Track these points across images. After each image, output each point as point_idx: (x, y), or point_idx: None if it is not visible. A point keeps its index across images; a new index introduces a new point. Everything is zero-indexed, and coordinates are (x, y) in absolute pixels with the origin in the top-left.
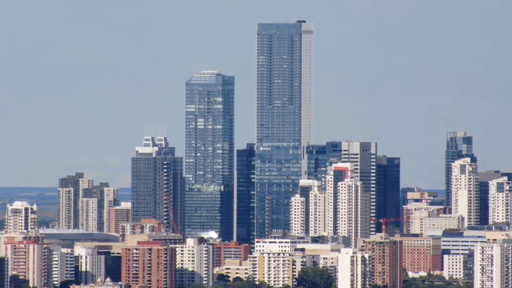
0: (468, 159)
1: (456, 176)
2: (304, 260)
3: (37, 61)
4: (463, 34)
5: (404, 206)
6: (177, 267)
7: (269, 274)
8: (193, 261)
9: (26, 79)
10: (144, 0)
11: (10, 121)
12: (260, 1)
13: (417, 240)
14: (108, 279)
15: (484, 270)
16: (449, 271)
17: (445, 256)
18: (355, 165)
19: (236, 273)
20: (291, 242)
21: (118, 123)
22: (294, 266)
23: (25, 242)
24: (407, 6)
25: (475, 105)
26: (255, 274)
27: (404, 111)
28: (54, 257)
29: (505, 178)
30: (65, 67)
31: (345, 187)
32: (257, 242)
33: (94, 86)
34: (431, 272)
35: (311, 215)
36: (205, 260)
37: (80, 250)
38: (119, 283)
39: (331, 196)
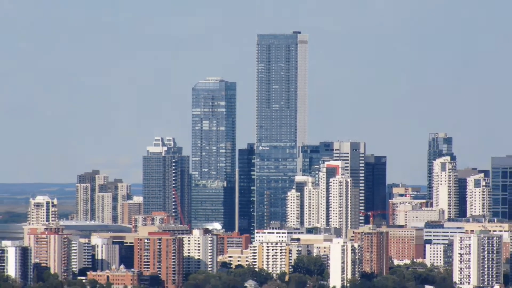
0: (448, 158)
1: (437, 173)
2: (300, 249)
3: (58, 63)
4: (444, 44)
5: (390, 200)
6: (184, 255)
7: (267, 262)
8: (198, 250)
9: (47, 81)
10: (155, 15)
11: (32, 122)
12: (259, 13)
13: (402, 231)
14: (122, 266)
15: (463, 258)
16: (430, 259)
17: (427, 246)
18: (345, 163)
19: (238, 261)
20: (288, 233)
21: (130, 125)
22: (290, 255)
23: (46, 232)
24: (393, 19)
25: (455, 108)
26: (255, 261)
27: (391, 114)
28: (73, 246)
29: (482, 175)
30: (83, 74)
31: (336, 183)
32: (257, 232)
33: (108, 92)
34: (414, 260)
35: (306, 208)
36: (209, 249)
37: (96, 240)
38: (132, 270)
39: (323, 191)
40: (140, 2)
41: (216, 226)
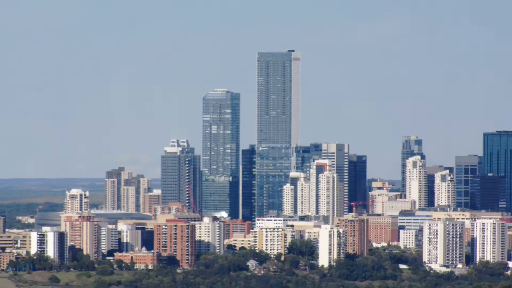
0: (418, 157)
1: (409, 169)
2: (293, 233)
3: (89, 72)
4: (420, 59)
5: (369, 193)
6: (196, 239)
7: (266, 244)
8: (208, 234)
9: (81, 87)
10: (170, 33)
11: (68, 125)
12: (260, 35)
13: (380, 219)
14: (143, 248)
15: (431, 242)
16: (404, 242)
17: (401, 231)
18: (332, 161)
19: (241, 243)
20: (283, 220)
21: (150, 129)
22: (285, 238)
23: (80, 220)
24: (372, 37)
25: (425, 113)
26: (255, 244)
27: (370, 120)
28: (102, 232)
29: (447, 171)
30: (108, 83)
31: (324, 178)
32: (257, 220)
33: (131, 100)
34: (390, 243)
35: (299, 199)
36: (217, 234)
37: (122, 226)
38: (152, 251)
39: (314, 185)
40: (160, 23)
41: (223, 214)
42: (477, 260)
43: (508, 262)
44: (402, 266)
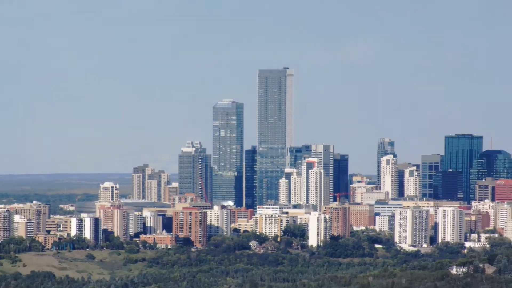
0: (391, 156)
1: (383, 166)
2: (288, 219)
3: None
4: (393, 76)
5: (350, 185)
6: (207, 223)
7: (265, 228)
8: (217, 219)
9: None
10: (183, 53)
11: (101, 130)
12: (260, 54)
13: (359, 207)
14: (164, 231)
15: (401, 226)
16: (379, 226)
17: (377, 217)
18: (319, 159)
19: (245, 227)
20: (279, 208)
21: (169, 133)
22: (281, 223)
23: (111, 208)
24: (355, 55)
25: (397, 119)
26: (256, 228)
27: (352, 125)
28: (130, 217)
29: (415, 167)
30: (132, 93)
31: (313, 173)
32: (258, 208)
33: (153, 107)
34: (368, 226)
35: (292, 191)
36: (225, 219)
37: (146, 212)
38: (171, 233)
39: (304, 179)
40: (177, 45)
41: (230, 203)
42: (439, 240)
43: (465, 242)
44: (377, 245)
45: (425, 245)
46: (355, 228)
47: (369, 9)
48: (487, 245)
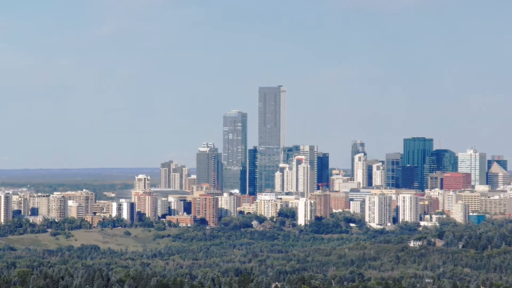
0: (362, 154)
1: (356, 162)
2: (281, 203)
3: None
4: (363, 91)
5: (330, 177)
6: (218, 207)
7: (264, 210)
8: (226, 204)
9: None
10: (200, 73)
11: (137, 132)
12: (260, 75)
13: (337, 194)
14: (184, 213)
15: (370, 209)
16: (352, 209)
17: (351, 202)
18: (306, 157)
19: (248, 209)
20: (275, 195)
21: (189, 136)
22: (276, 206)
23: (144, 194)
24: (334, 73)
25: (366, 125)
26: (257, 210)
27: (331, 130)
28: (158, 202)
29: (381, 163)
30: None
31: (301, 168)
32: (258, 195)
33: (176, 116)
34: (344, 209)
35: (285, 181)
36: (232, 203)
37: (171, 198)
38: (190, 215)
39: (295, 172)
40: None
41: (236, 191)
42: (400, 220)
43: (420, 221)
44: (352, 224)
45: (389, 224)
46: (334, 211)
47: (344, 39)
48: (437, 224)
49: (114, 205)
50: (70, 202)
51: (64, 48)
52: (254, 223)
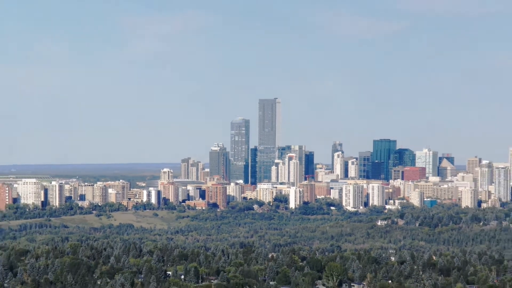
0: (340, 152)
1: (335, 158)
2: (277, 191)
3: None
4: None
5: (315, 170)
6: (227, 194)
7: (263, 197)
8: (233, 191)
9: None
10: (215, 86)
11: (162, 134)
12: (260, 89)
13: (320, 183)
14: (200, 199)
15: (346, 195)
16: (333, 196)
17: (331, 190)
18: (296, 154)
19: (250, 196)
20: (271, 184)
21: (203, 137)
22: (273, 193)
23: (168, 184)
24: (320, 88)
25: (344, 130)
26: (257, 196)
27: (316, 133)
28: (179, 190)
29: (355, 159)
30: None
31: (292, 163)
32: (258, 184)
33: (194, 123)
34: (326, 196)
35: (279, 174)
36: (238, 191)
37: (189, 187)
38: (205, 200)
39: (287, 167)
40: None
41: (241, 181)
42: (370, 204)
43: (385, 205)
44: (332, 207)
45: (361, 207)
46: (318, 197)
47: (332, 55)
48: (399, 207)
49: (145, 192)
50: (110, 190)
51: (106, 65)
52: (255, 206)
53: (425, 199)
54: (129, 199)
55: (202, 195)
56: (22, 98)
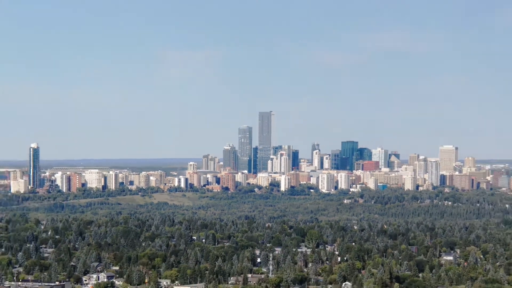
0: (318, 150)
1: (314, 155)
2: (272, 178)
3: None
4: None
5: (299, 164)
6: (235, 180)
7: (261, 182)
8: (240, 178)
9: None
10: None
11: (189, 137)
12: (260, 103)
13: (303, 173)
14: (216, 184)
15: (322, 181)
16: (312, 182)
17: (311, 177)
18: (286, 152)
19: (252, 182)
20: (268, 173)
21: (218, 139)
22: (268, 180)
23: (193, 173)
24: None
25: (320, 135)
26: (257, 182)
27: (301, 137)
28: (201, 177)
29: (328, 155)
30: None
31: (283, 158)
32: (258, 173)
33: (212, 127)
34: (307, 182)
35: (274, 166)
36: (243, 178)
37: (208, 175)
38: (219, 184)
39: (279, 161)
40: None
41: (245, 171)
42: (339, 188)
43: (350, 189)
44: (311, 190)
45: (332, 190)
46: (301, 182)
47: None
48: (360, 190)
49: (176, 179)
50: (151, 177)
51: (145, 84)
52: (256, 189)
53: (379, 184)
54: (165, 184)
55: (218, 181)
56: (83, 111)
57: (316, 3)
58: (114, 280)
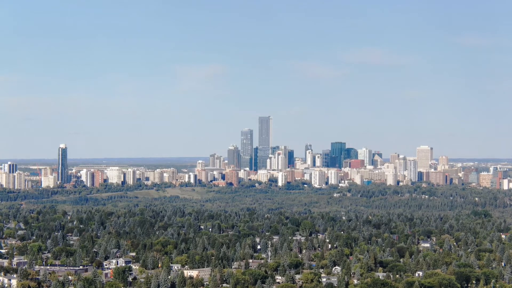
0: (311, 150)
1: (307, 154)
2: (270, 175)
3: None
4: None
5: (294, 162)
6: (239, 176)
7: (261, 178)
8: (243, 175)
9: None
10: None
11: (202, 139)
12: (259, 109)
13: (298, 170)
14: (222, 179)
15: (316, 177)
16: (306, 178)
17: (305, 174)
18: (282, 152)
19: (254, 178)
20: (267, 170)
21: (223, 140)
22: (267, 176)
23: (201, 170)
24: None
25: (314, 136)
26: (258, 178)
27: (295, 139)
28: (208, 174)
29: (320, 154)
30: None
31: (280, 157)
32: (259, 170)
33: (217, 130)
34: (301, 178)
35: (273, 164)
36: (246, 174)
37: (214, 172)
38: (224, 180)
39: (277, 159)
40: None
41: (247, 168)
42: (329, 183)
43: (339, 184)
44: (305, 185)
45: (324, 185)
46: (296, 178)
47: (292, 93)
48: (348, 185)
49: (187, 175)
50: (164, 174)
51: (161, 94)
52: (257, 185)
53: (364, 180)
54: (177, 180)
55: (223, 177)
56: (106, 117)
57: (310, 26)
58: (131, 265)
